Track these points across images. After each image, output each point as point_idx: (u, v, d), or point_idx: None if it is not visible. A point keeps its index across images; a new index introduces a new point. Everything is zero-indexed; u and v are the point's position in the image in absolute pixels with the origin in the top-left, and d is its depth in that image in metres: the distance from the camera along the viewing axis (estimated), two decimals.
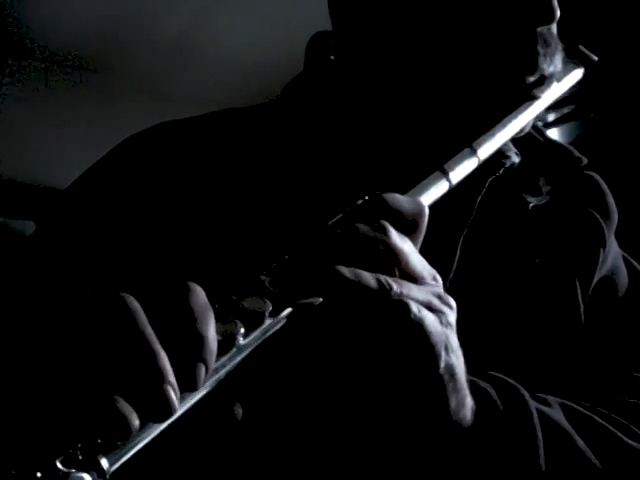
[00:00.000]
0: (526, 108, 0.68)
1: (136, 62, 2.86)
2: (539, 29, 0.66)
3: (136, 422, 0.41)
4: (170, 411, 0.42)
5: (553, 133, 2.12)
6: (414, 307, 0.50)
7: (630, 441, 0.62)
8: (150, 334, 0.43)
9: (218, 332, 0.45)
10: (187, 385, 0.43)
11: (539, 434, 0.57)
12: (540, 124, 0.77)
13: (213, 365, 0.45)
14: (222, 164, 0.69)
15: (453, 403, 0.53)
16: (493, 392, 0.57)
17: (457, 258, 0.66)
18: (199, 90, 2.95)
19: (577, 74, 0.74)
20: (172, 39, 2.71)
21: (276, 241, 0.55)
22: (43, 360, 0.42)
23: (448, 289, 0.55)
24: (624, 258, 0.78)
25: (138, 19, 2.59)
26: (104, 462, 0.40)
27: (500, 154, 0.69)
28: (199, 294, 0.45)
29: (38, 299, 0.61)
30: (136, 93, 2.97)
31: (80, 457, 0.39)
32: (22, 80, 2.89)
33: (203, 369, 0.44)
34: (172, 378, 0.42)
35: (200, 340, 0.44)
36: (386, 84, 0.69)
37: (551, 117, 2.03)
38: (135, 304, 0.43)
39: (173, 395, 0.42)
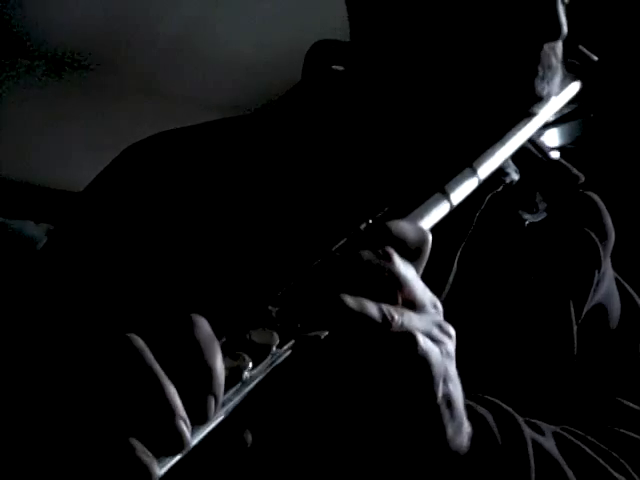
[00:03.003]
0: (524, 125, 0.67)
1: (136, 62, 2.86)
2: (543, 49, 0.65)
3: (157, 472, 0.41)
4: (183, 445, 0.43)
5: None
6: (421, 340, 0.50)
7: (617, 474, 0.62)
8: (158, 370, 0.43)
9: (226, 367, 0.46)
10: (197, 418, 0.44)
11: (532, 464, 0.57)
12: (541, 139, 0.77)
13: (222, 397, 0.45)
14: (220, 176, 0.68)
15: (450, 431, 0.53)
16: (491, 419, 0.57)
17: (454, 272, 0.66)
18: (199, 90, 2.95)
19: (574, 87, 0.73)
20: (172, 39, 2.71)
21: (278, 264, 0.54)
22: (53, 411, 0.43)
23: (443, 303, 0.55)
24: (617, 282, 0.78)
25: (138, 19, 2.60)
26: None
27: (500, 171, 0.68)
28: (203, 326, 0.46)
29: (39, 336, 0.62)
30: (136, 93, 2.97)
31: None
32: (23, 80, 2.89)
33: (213, 401, 0.44)
34: (183, 412, 0.43)
35: (208, 372, 0.45)
36: (396, 99, 0.68)
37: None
38: (140, 343, 0.44)
39: (185, 428, 0.43)
